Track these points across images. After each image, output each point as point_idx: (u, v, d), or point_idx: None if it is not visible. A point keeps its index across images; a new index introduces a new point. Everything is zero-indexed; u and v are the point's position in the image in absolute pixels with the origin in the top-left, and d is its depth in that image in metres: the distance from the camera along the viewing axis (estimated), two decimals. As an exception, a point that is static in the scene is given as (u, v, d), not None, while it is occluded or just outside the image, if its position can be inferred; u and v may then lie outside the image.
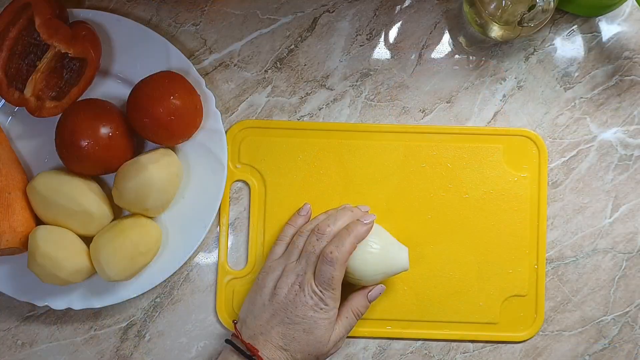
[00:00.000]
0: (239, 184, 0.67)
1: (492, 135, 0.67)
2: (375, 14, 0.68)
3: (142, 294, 0.66)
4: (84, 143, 0.60)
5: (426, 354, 0.67)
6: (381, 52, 0.68)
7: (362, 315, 0.62)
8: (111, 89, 0.66)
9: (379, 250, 0.61)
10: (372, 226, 0.61)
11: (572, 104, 0.68)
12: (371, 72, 0.68)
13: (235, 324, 0.61)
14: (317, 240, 0.60)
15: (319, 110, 0.68)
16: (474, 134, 0.67)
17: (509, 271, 0.66)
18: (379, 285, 0.63)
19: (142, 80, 0.62)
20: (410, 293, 0.66)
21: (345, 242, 0.59)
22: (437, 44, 0.69)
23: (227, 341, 0.60)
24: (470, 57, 0.69)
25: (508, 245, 0.67)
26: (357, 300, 0.62)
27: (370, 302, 0.62)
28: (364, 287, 0.62)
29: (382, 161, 0.67)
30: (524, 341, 0.67)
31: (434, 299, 0.66)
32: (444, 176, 0.67)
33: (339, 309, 0.60)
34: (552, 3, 0.60)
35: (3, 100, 0.65)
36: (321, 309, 0.58)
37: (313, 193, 0.67)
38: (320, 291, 0.58)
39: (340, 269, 0.59)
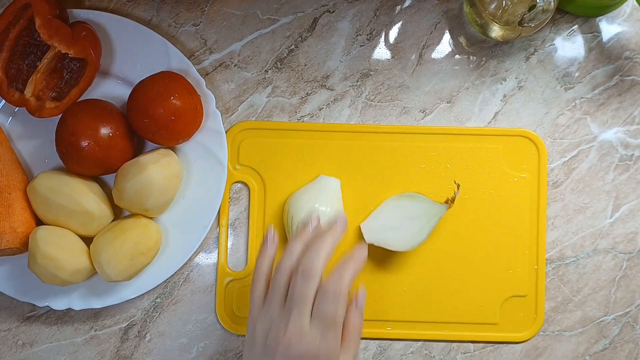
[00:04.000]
0: (239, 185, 0.67)
1: (491, 136, 0.67)
2: (376, 14, 0.68)
3: (143, 294, 0.66)
4: (84, 143, 0.60)
5: (427, 354, 0.67)
6: (381, 52, 0.68)
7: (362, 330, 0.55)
8: (111, 90, 0.66)
9: (329, 213, 0.62)
10: (366, 253, 0.54)
11: (573, 104, 0.68)
12: (371, 73, 0.68)
13: None
14: (305, 281, 0.52)
15: (320, 110, 0.68)
16: (473, 134, 0.67)
17: (509, 271, 0.66)
18: (361, 292, 0.55)
19: (142, 80, 0.62)
20: (410, 294, 0.66)
21: (345, 275, 0.52)
22: (438, 44, 0.68)
23: None
24: (471, 57, 0.68)
25: (508, 245, 0.66)
26: (354, 320, 0.54)
27: (362, 313, 0.55)
28: (350, 303, 0.54)
29: (382, 162, 0.67)
30: (524, 342, 0.67)
31: (433, 299, 0.66)
32: (443, 177, 0.67)
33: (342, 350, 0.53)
34: (552, 3, 0.60)
35: (3, 101, 0.65)
36: (327, 352, 0.51)
37: None
38: (322, 332, 0.51)
39: (344, 303, 0.51)
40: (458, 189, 0.63)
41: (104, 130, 0.61)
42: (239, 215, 0.67)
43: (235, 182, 0.67)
